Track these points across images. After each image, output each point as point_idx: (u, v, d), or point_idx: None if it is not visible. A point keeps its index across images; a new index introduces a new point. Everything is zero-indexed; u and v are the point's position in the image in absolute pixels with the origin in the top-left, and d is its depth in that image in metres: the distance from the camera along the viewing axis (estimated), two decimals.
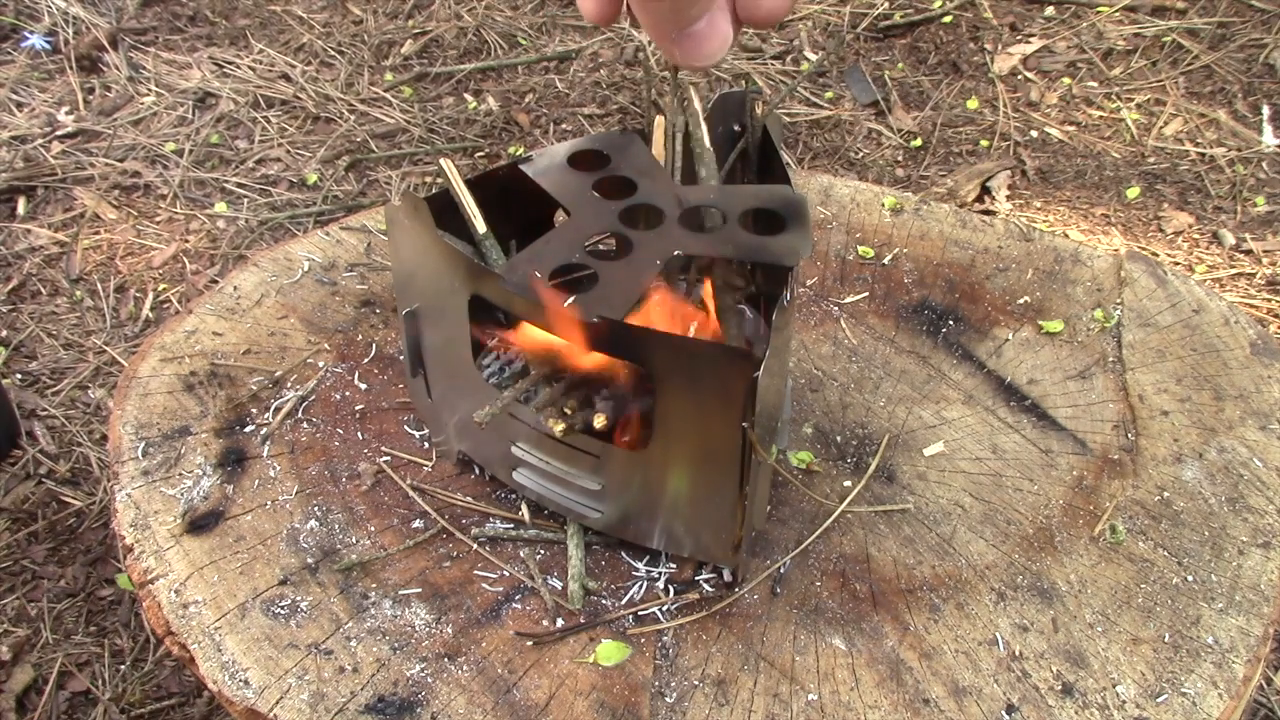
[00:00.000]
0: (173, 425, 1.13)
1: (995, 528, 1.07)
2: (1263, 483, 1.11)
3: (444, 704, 0.90)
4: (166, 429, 1.12)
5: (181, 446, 1.11)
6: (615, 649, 0.95)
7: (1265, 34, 2.96)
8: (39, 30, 3.00)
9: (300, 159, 2.66)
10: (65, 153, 2.64)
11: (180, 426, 1.13)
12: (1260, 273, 2.34)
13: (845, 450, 1.15)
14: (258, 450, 1.11)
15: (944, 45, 3.01)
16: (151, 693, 1.62)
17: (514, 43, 3.08)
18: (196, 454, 1.10)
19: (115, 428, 1.12)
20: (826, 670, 0.94)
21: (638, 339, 0.89)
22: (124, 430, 1.11)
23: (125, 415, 1.13)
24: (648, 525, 0.99)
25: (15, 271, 2.34)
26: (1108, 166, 2.66)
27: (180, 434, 1.12)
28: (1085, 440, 1.16)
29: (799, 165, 2.67)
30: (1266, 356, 1.25)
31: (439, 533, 1.05)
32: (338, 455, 1.12)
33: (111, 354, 2.15)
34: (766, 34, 3.09)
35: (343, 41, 3.07)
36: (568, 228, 1.01)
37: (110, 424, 1.12)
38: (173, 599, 0.96)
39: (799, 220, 0.99)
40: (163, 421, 1.13)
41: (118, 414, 1.13)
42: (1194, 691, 0.93)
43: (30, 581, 1.76)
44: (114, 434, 1.11)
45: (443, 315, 1.02)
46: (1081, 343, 1.28)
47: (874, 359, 1.26)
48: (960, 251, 1.41)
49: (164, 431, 1.12)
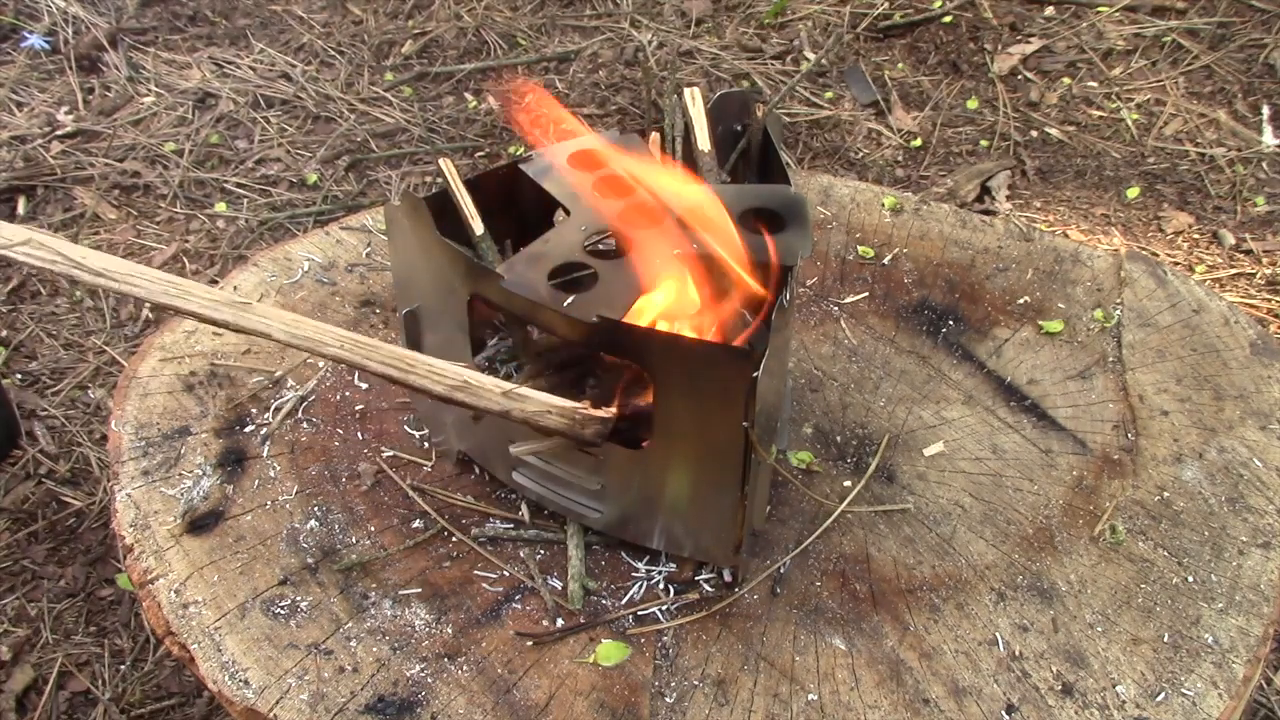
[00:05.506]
0: (173, 425, 1.13)
1: (995, 528, 1.07)
2: (1263, 483, 1.11)
3: (444, 704, 0.90)
4: (166, 429, 1.12)
5: (181, 446, 1.10)
6: (615, 649, 0.95)
7: (1265, 34, 2.96)
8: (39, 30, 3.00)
9: (300, 159, 2.66)
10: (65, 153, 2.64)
11: (180, 426, 1.13)
12: (1260, 273, 2.34)
13: (845, 450, 1.15)
14: (258, 450, 1.11)
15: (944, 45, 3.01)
16: (151, 693, 1.62)
17: (514, 43, 3.08)
18: (196, 454, 1.10)
19: (115, 428, 1.12)
20: (826, 670, 0.94)
21: (637, 339, 0.89)
22: (124, 430, 1.11)
23: (125, 415, 1.13)
24: (648, 525, 0.99)
25: (15, 271, 2.34)
26: (1108, 166, 2.66)
27: (180, 434, 1.12)
28: (1085, 440, 1.16)
29: (799, 165, 2.67)
30: (1266, 356, 1.25)
31: (439, 533, 1.05)
32: (338, 455, 1.12)
33: (111, 354, 2.15)
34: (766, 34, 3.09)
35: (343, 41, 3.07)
36: (568, 227, 1.01)
37: (110, 424, 1.12)
38: (173, 599, 0.96)
39: (799, 220, 0.99)
40: (163, 421, 1.13)
41: (118, 414, 1.13)
42: (1194, 691, 0.93)
43: (30, 581, 1.76)
44: (114, 434, 1.11)
45: (443, 315, 1.02)
46: (1081, 343, 1.28)
47: (874, 359, 1.26)
48: (960, 251, 1.41)
49: (164, 431, 1.12)
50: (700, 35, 3.09)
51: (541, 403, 0.86)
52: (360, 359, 0.86)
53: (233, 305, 0.86)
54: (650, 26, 3.11)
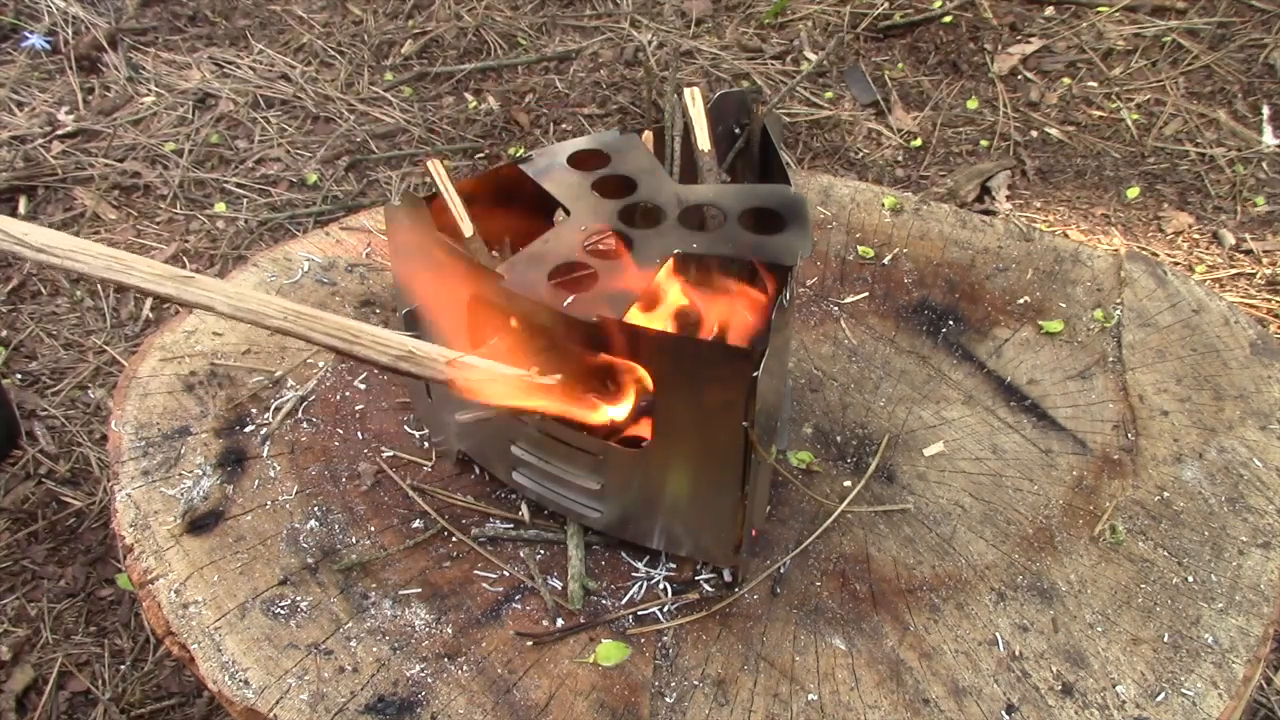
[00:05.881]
0: (173, 425, 1.13)
1: (995, 528, 1.07)
2: (1263, 483, 1.11)
3: (444, 704, 0.90)
4: (166, 429, 1.12)
5: (181, 446, 1.10)
6: (615, 649, 0.95)
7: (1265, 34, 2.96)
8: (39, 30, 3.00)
9: (300, 159, 2.66)
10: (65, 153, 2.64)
11: (180, 426, 1.13)
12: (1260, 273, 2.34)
13: (845, 450, 1.15)
14: (258, 450, 1.11)
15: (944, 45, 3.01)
16: (151, 693, 1.62)
17: (514, 43, 3.08)
18: (196, 454, 1.10)
19: (115, 428, 1.12)
20: (826, 670, 0.94)
21: (637, 339, 0.89)
22: (124, 430, 1.11)
23: (125, 415, 1.13)
24: (648, 525, 0.99)
25: (15, 271, 2.34)
26: (1108, 166, 2.66)
27: (180, 434, 1.12)
28: (1085, 440, 1.16)
29: (799, 165, 2.67)
30: (1266, 356, 1.25)
31: (439, 533, 1.05)
32: (338, 455, 1.12)
33: (111, 354, 2.15)
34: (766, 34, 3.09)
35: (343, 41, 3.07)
36: (568, 227, 1.01)
37: (110, 424, 1.12)
38: (173, 599, 0.96)
39: (799, 220, 0.99)
40: (163, 421, 1.13)
41: (118, 414, 1.13)
42: (1194, 691, 0.92)
43: (30, 581, 1.76)
44: (114, 434, 1.11)
45: (442, 315, 1.02)
46: (1081, 343, 1.28)
47: (874, 359, 1.26)
48: (960, 251, 1.41)
49: (164, 431, 1.12)
50: (700, 35, 3.09)
51: (486, 371, 0.86)
52: (304, 330, 0.86)
53: (175, 279, 0.86)
54: (650, 26, 3.11)
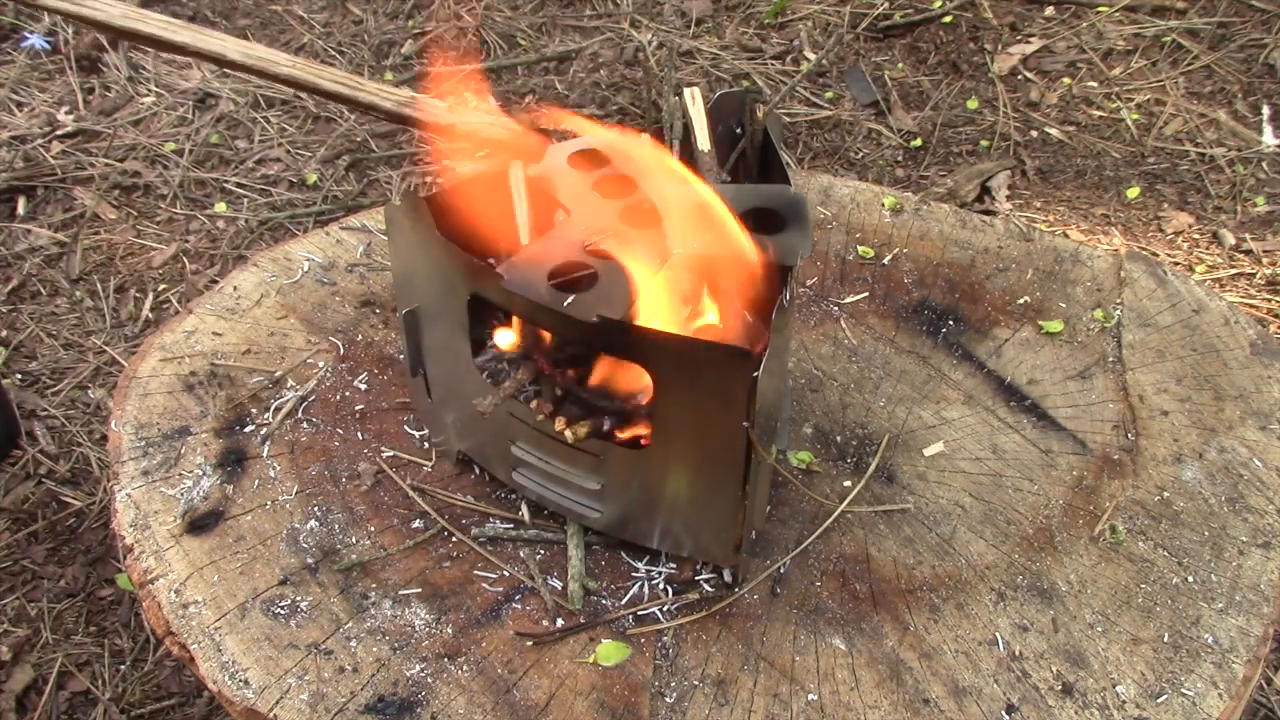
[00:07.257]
0: (173, 425, 1.13)
1: (995, 528, 1.07)
2: (1263, 483, 1.11)
3: (444, 704, 0.90)
4: (166, 429, 1.12)
5: (181, 446, 1.11)
6: (615, 649, 0.95)
7: (1265, 34, 2.96)
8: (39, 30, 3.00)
9: (300, 159, 2.66)
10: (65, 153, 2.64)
11: (180, 426, 1.13)
12: (1260, 273, 2.34)
13: (845, 450, 1.15)
14: (258, 450, 1.11)
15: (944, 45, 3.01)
16: (151, 693, 1.62)
17: (514, 43, 3.08)
18: (196, 454, 1.10)
19: (115, 428, 1.12)
20: (826, 670, 0.94)
21: (637, 338, 0.89)
22: (124, 430, 1.11)
23: (125, 415, 1.13)
24: (648, 525, 0.99)
25: (15, 271, 2.34)
26: (1108, 166, 2.66)
27: (180, 434, 1.12)
28: (1085, 440, 1.16)
29: (799, 165, 2.66)
30: (1266, 356, 1.25)
31: (439, 533, 1.05)
32: (338, 455, 1.12)
33: (111, 354, 2.15)
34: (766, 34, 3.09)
35: (343, 41, 3.07)
36: (568, 227, 1.01)
37: (110, 424, 1.12)
38: (173, 599, 0.96)
39: (799, 220, 0.99)
40: (163, 421, 1.13)
41: (118, 414, 1.13)
42: (1194, 691, 0.93)
43: (30, 581, 1.76)
44: (114, 434, 1.11)
45: (442, 315, 1.02)
46: (1081, 343, 1.28)
47: (874, 359, 1.26)
48: (960, 251, 1.41)
49: (164, 431, 1.12)
50: (700, 35, 3.09)
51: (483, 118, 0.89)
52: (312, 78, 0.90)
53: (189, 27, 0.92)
54: (650, 26, 3.11)
